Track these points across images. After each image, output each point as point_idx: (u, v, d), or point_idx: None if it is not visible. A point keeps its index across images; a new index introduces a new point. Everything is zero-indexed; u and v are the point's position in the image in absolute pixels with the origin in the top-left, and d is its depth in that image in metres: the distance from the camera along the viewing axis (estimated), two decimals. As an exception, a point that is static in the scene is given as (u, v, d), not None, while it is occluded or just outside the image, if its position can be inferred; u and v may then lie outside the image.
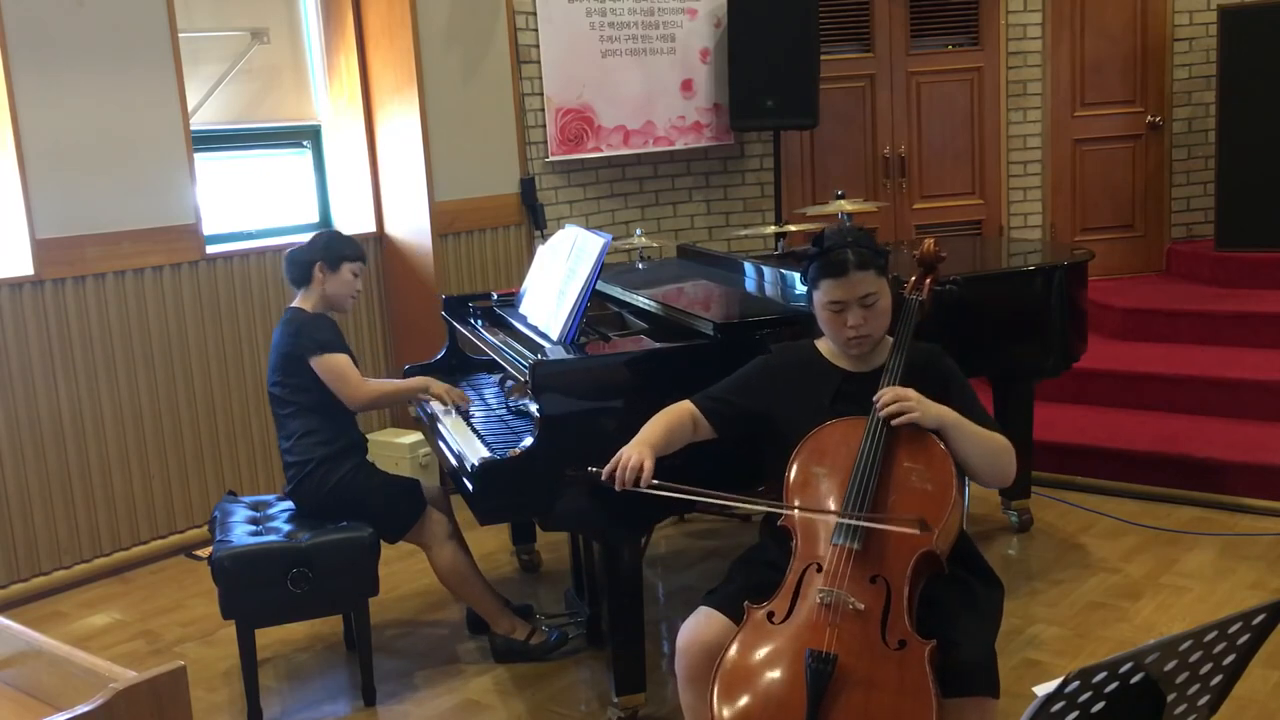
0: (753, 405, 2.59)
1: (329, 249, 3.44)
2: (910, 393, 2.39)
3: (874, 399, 2.41)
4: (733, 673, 2.19)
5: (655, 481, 2.41)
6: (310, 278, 3.43)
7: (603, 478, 2.43)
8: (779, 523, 2.42)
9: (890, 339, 2.57)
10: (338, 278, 3.44)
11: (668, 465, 2.87)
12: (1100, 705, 1.45)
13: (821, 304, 2.51)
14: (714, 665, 2.22)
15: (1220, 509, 4.40)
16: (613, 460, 2.44)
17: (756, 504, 2.49)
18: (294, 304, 3.47)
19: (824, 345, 2.62)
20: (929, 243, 2.79)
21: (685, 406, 2.61)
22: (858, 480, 2.33)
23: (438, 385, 3.61)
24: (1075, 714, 1.44)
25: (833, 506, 2.34)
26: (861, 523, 2.26)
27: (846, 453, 2.39)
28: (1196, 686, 1.55)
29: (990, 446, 2.45)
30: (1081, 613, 3.63)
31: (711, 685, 2.19)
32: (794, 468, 2.43)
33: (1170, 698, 1.52)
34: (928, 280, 2.73)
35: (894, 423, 2.37)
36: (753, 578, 2.43)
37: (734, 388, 2.64)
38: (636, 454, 2.43)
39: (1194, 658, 1.50)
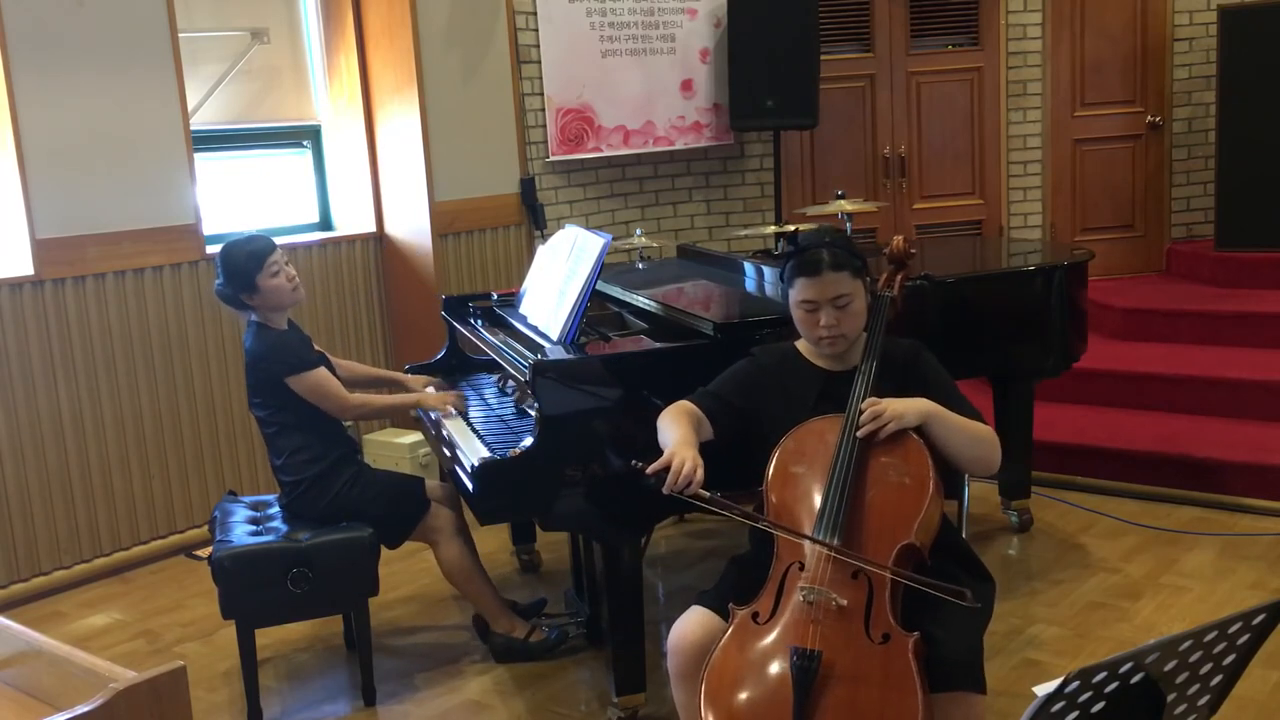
0: (745, 405, 2.59)
1: (235, 276, 3.30)
2: (881, 406, 2.39)
3: (852, 415, 2.41)
4: (719, 674, 2.20)
5: (705, 493, 2.32)
6: (246, 305, 3.36)
7: (648, 472, 2.33)
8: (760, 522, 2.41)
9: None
10: (262, 294, 3.31)
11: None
12: (1100, 705, 1.45)
13: (795, 303, 2.53)
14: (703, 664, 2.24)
15: (1220, 509, 4.40)
16: (664, 461, 2.33)
17: (789, 531, 2.34)
18: (253, 318, 3.39)
19: (804, 346, 2.63)
20: (898, 240, 2.80)
21: (690, 406, 2.58)
22: (834, 481, 2.33)
23: (430, 397, 3.59)
24: (1075, 714, 1.44)
25: (813, 505, 2.34)
26: (834, 554, 2.25)
27: (825, 451, 2.40)
28: (1196, 686, 1.55)
29: (972, 435, 2.46)
30: (1081, 613, 3.63)
31: (699, 687, 2.20)
32: (773, 466, 2.43)
33: (1170, 698, 1.52)
34: (898, 277, 2.74)
35: (879, 437, 2.38)
36: (744, 577, 2.43)
37: (728, 387, 2.62)
38: (691, 459, 2.32)
39: (1194, 658, 1.50)
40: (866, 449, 2.39)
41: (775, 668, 2.16)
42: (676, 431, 2.46)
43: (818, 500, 2.34)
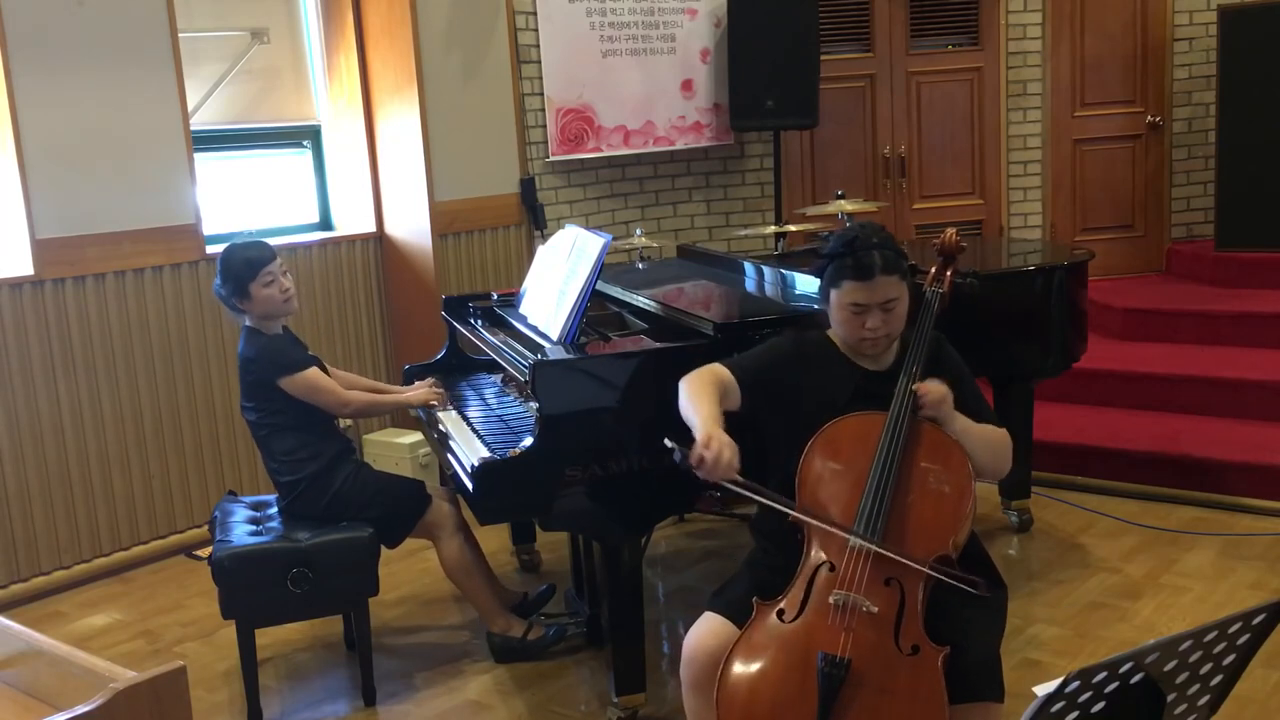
0: (780, 383, 2.51)
1: (227, 281, 3.31)
2: (950, 400, 2.38)
3: (912, 388, 2.37)
4: (740, 671, 2.16)
5: (739, 479, 2.26)
6: (239, 309, 3.35)
7: (692, 462, 2.25)
8: (789, 519, 2.33)
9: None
10: (254, 301, 3.31)
11: (668, 466, 2.87)
12: (1100, 705, 1.45)
13: (841, 304, 2.46)
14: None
15: (1220, 509, 4.40)
16: (701, 448, 2.24)
17: (825, 520, 2.29)
18: (246, 323, 3.39)
19: (838, 339, 2.56)
20: (950, 232, 2.72)
21: (719, 370, 2.49)
22: (875, 482, 2.28)
23: (415, 395, 3.59)
24: (1075, 714, 1.44)
25: (850, 505, 2.30)
26: (874, 547, 2.20)
27: (863, 451, 2.34)
28: (1196, 686, 1.55)
29: (994, 445, 2.46)
30: (1081, 613, 3.63)
31: (718, 681, 2.16)
32: (808, 463, 2.36)
33: (1170, 698, 1.51)
34: (948, 272, 2.66)
35: (923, 412, 2.36)
36: (759, 580, 2.38)
37: (764, 362, 2.54)
38: (727, 446, 2.24)
39: (1194, 658, 1.50)
40: (909, 451, 2.34)
41: (800, 671, 2.12)
42: (703, 406, 2.37)
43: (855, 501, 2.29)
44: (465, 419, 3.47)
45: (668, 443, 2.29)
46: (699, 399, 2.41)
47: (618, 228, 5.93)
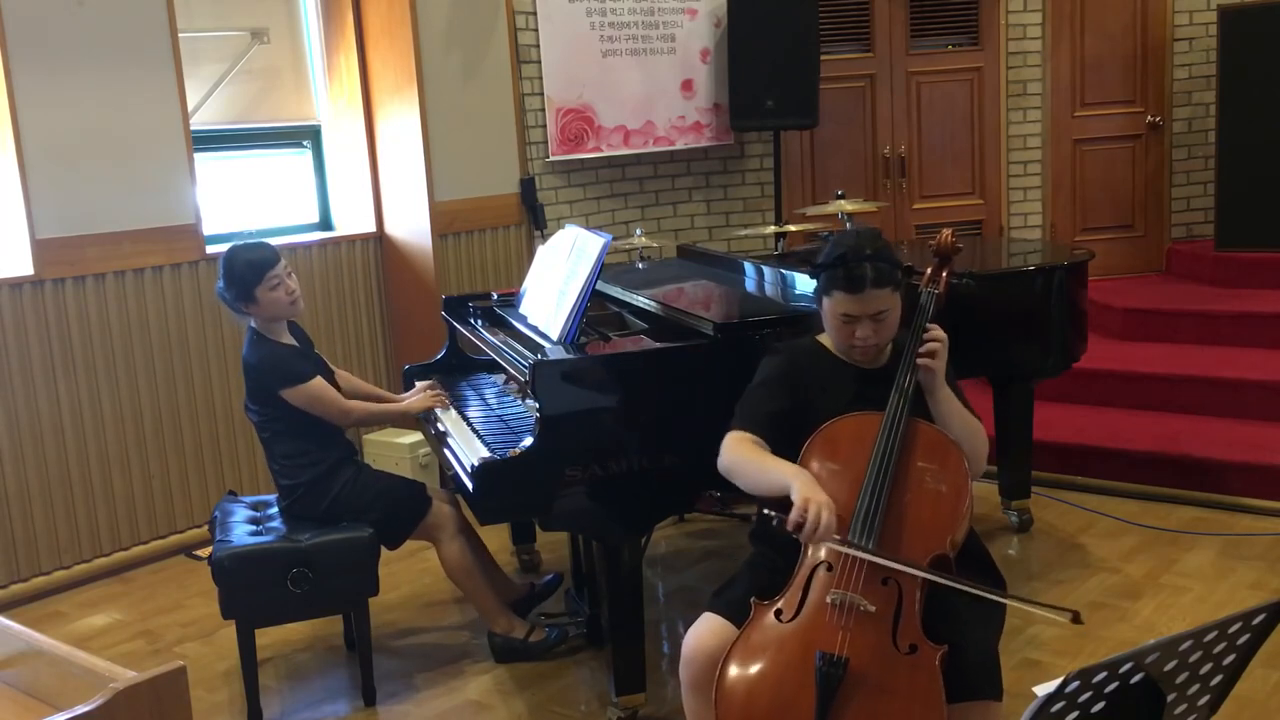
0: (788, 405, 2.49)
1: (234, 284, 3.27)
2: (946, 344, 2.44)
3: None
4: (739, 672, 2.16)
5: (838, 536, 2.22)
6: (244, 312, 3.33)
7: (789, 528, 2.22)
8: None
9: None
10: (260, 305, 3.28)
11: (668, 466, 2.88)
12: (1100, 705, 1.45)
13: (832, 313, 2.48)
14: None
15: (1220, 509, 4.39)
16: (800, 511, 2.19)
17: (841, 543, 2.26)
18: (252, 324, 3.36)
19: (829, 341, 2.58)
20: (946, 233, 2.71)
21: (750, 439, 2.45)
22: (872, 482, 2.28)
23: (416, 402, 3.59)
24: (1075, 714, 1.44)
25: (846, 506, 2.29)
26: (871, 557, 2.20)
27: (860, 451, 2.35)
28: (1196, 686, 1.55)
29: (969, 426, 2.48)
30: (1081, 612, 3.62)
31: (716, 681, 2.16)
32: (805, 463, 2.36)
33: (1170, 698, 1.51)
34: (944, 274, 2.66)
35: (920, 362, 2.41)
36: (759, 580, 2.38)
37: (767, 397, 2.52)
38: (827, 508, 2.19)
39: (1194, 658, 1.50)
40: (906, 450, 2.34)
41: (798, 670, 2.12)
42: (776, 463, 2.35)
43: (852, 501, 2.29)
44: (465, 419, 3.47)
45: (766, 511, 2.27)
46: (764, 461, 2.37)
47: (618, 228, 5.93)
